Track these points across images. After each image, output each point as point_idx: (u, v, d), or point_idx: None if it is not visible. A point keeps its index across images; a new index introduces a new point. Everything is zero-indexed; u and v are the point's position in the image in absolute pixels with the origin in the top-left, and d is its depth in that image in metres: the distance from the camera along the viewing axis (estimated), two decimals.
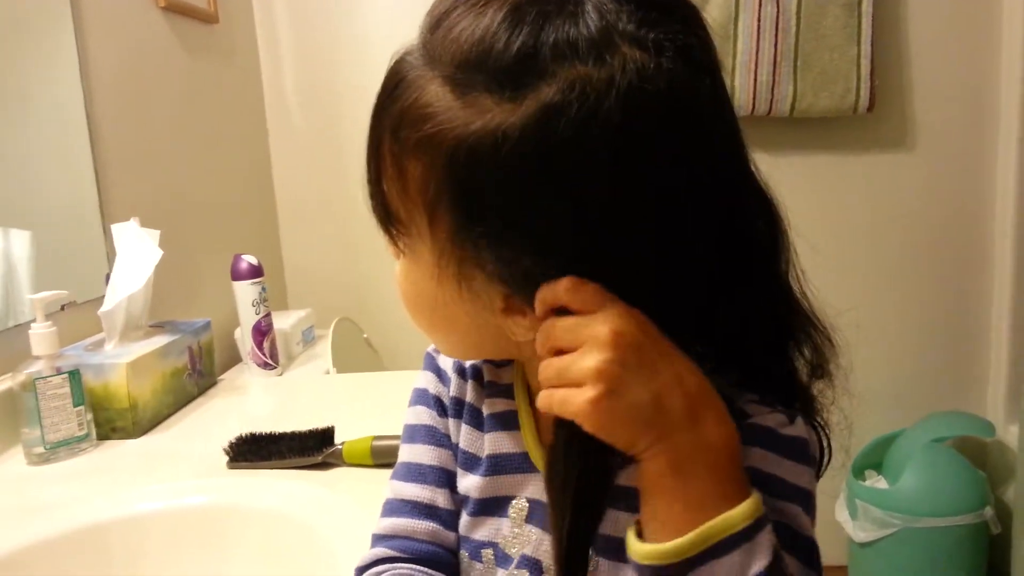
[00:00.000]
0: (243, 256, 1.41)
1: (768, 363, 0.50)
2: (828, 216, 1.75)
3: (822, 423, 0.52)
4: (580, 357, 0.41)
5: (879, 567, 1.73)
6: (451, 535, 0.57)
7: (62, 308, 1.12)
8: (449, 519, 0.58)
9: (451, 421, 0.59)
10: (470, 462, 0.57)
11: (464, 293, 0.46)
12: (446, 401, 0.60)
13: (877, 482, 1.78)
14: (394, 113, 0.45)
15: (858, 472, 1.78)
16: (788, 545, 0.44)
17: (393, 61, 0.48)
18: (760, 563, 0.39)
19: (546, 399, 0.43)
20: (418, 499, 0.58)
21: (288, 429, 0.96)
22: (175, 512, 0.85)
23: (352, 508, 0.81)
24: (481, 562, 0.56)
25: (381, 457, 0.91)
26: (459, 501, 0.58)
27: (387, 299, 1.93)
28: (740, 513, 0.40)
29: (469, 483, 0.57)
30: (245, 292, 1.39)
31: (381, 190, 0.48)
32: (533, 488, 0.54)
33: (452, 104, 0.43)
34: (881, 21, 1.70)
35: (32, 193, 1.15)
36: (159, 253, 1.15)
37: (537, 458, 0.54)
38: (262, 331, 1.40)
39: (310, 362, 1.56)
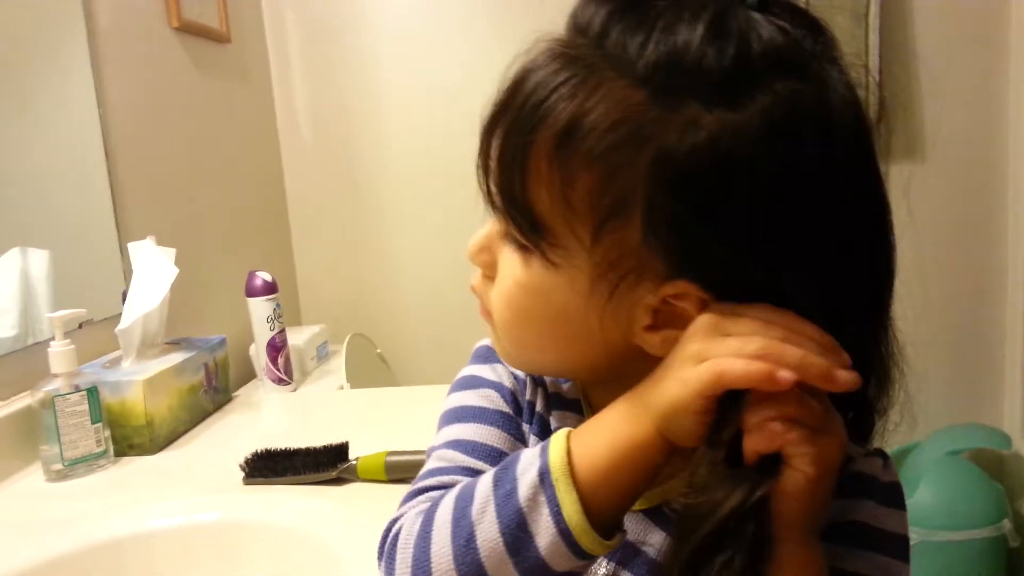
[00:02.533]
0: (257, 273, 1.42)
1: (856, 401, 0.49)
2: None
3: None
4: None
5: None
6: None
7: (80, 326, 1.14)
8: None
9: (524, 425, 0.55)
10: None
11: (611, 308, 0.44)
12: (521, 401, 0.56)
13: None
14: (559, 117, 0.42)
15: None
16: None
17: (529, 61, 0.44)
18: None
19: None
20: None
21: (303, 445, 0.96)
22: (191, 528, 0.86)
23: (366, 524, 0.81)
24: None
25: (395, 472, 0.91)
26: None
27: (400, 315, 1.94)
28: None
29: None
30: (260, 308, 1.40)
31: (526, 197, 0.44)
32: None
33: (654, 110, 0.40)
34: (888, 31, 1.70)
35: (50, 213, 1.16)
36: (175, 271, 1.16)
37: None
38: (276, 347, 1.41)
39: (324, 378, 1.57)
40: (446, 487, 0.49)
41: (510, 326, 0.50)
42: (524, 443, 0.55)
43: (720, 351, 0.40)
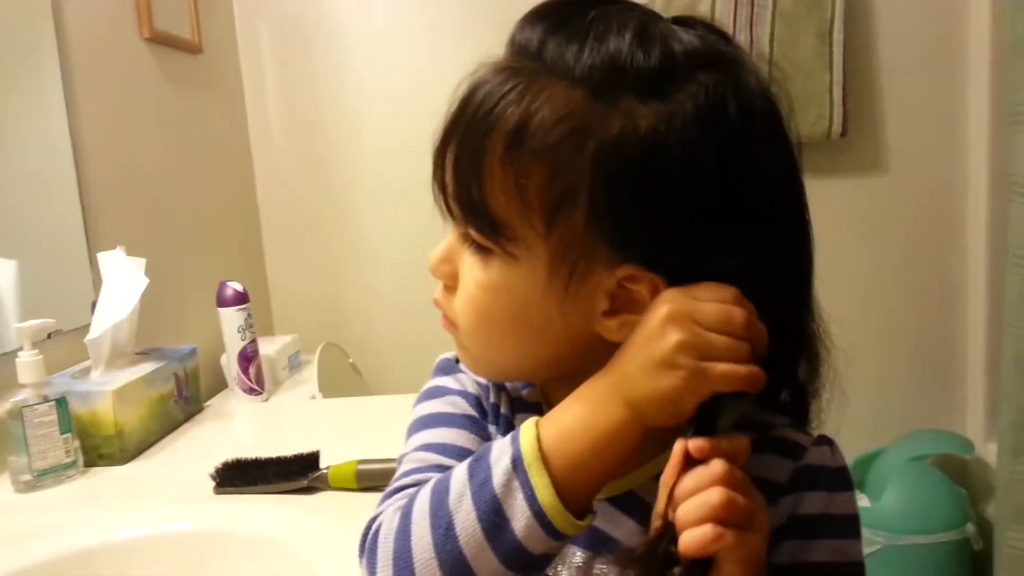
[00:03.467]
0: (228, 283, 1.42)
1: (789, 381, 0.54)
2: None
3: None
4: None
5: None
6: None
7: (48, 336, 1.13)
8: None
9: (490, 427, 0.57)
10: None
11: (570, 295, 0.47)
12: (486, 406, 0.58)
13: (859, 500, 1.78)
14: (508, 120, 0.45)
15: None
16: None
17: (476, 78, 0.48)
18: None
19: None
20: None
21: (274, 454, 0.96)
22: (161, 538, 0.85)
23: (337, 532, 0.81)
24: None
25: (366, 481, 0.92)
26: None
27: (373, 324, 1.94)
28: None
29: None
30: (230, 318, 1.40)
31: (484, 201, 0.47)
32: None
33: (593, 107, 0.45)
34: (852, 48, 1.74)
35: (18, 222, 1.16)
36: (145, 281, 1.15)
37: None
38: (248, 357, 1.41)
39: (296, 387, 1.57)
40: (422, 484, 0.50)
41: (475, 328, 0.52)
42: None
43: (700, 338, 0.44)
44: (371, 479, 0.92)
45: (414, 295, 1.89)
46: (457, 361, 0.61)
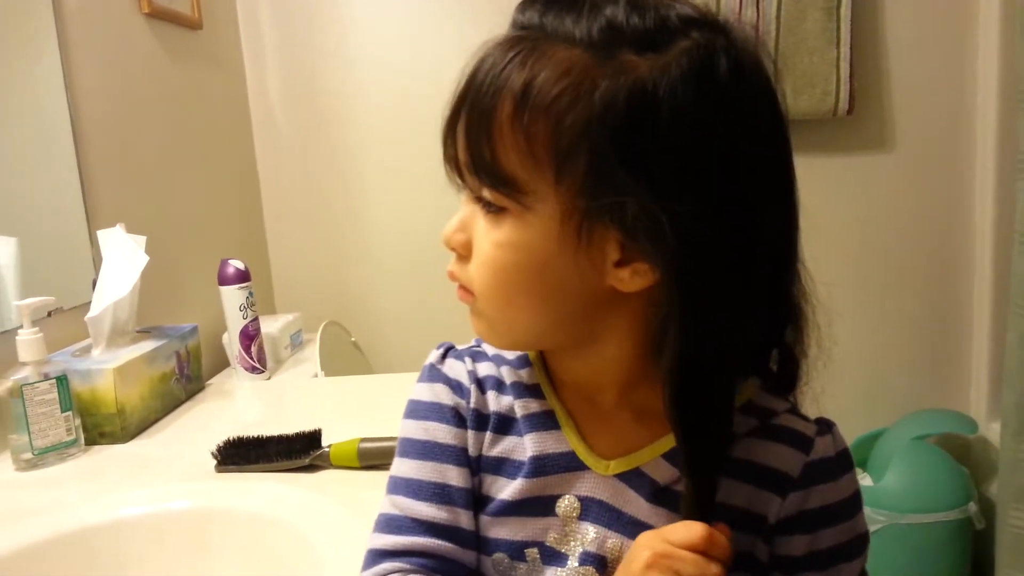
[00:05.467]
0: (230, 261, 1.41)
1: (777, 344, 0.55)
2: (808, 217, 1.74)
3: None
4: None
5: None
6: (471, 554, 0.57)
7: (49, 314, 1.13)
8: (471, 540, 0.57)
9: (471, 434, 0.58)
10: (508, 467, 0.57)
11: (582, 246, 0.49)
12: (465, 413, 0.59)
13: (861, 479, 1.79)
14: (514, 83, 0.48)
15: None
16: (857, 550, 0.55)
17: (481, 54, 0.50)
18: None
19: None
20: (435, 520, 0.56)
21: (276, 432, 0.96)
22: (163, 516, 0.85)
23: (339, 510, 0.82)
24: (525, 561, 0.56)
25: (368, 459, 0.92)
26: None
27: (375, 303, 1.94)
28: None
29: (503, 487, 0.57)
30: (232, 297, 1.40)
31: (496, 160, 0.49)
32: (584, 486, 0.55)
33: (592, 63, 0.46)
34: (859, 24, 1.72)
35: (17, 199, 1.15)
36: (145, 259, 1.15)
37: (586, 455, 0.55)
38: (249, 335, 1.41)
39: (298, 366, 1.57)
40: (405, 554, 0.55)
41: (493, 289, 0.52)
42: (466, 456, 0.58)
43: None
44: (373, 457, 0.92)
45: (416, 273, 1.89)
46: (445, 356, 0.62)
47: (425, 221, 1.85)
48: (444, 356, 0.62)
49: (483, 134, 0.49)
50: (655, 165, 0.46)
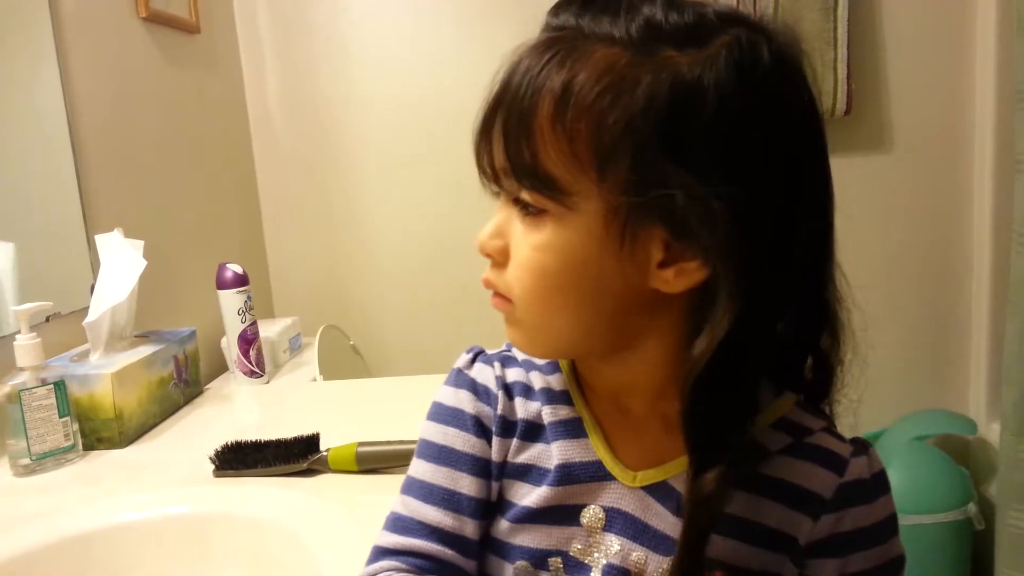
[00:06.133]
0: (228, 265, 1.41)
1: (812, 351, 0.55)
2: None
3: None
4: None
5: None
6: (471, 563, 0.57)
7: (47, 319, 1.12)
8: (474, 550, 0.57)
9: (496, 440, 0.58)
10: (534, 474, 0.56)
11: (625, 247, 0.48)
12: (488, 422, 0.58)
13: None
14: (553, 83, 0.47)
15: None
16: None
17: (515, 58, 0.50)
18: None
19: None
20: (441, 525, 0.56)
21: (275, 437, 0.96)
22: (161, 521, 0.85)
23: (337, 514, 0.81)
24: (548, 571, 0.55)
25: (366, 463, 0.91)
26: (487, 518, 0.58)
27: (374, 306, 1.94)
28: None
29: (526, 493, 0.56)
30: (230, 301, 1.40)
31: (536, 160, 0.48)
32: (610, 496, 0.54)
33: (633, 60, 0.46)
34: (857, 25, 1.72)
35: (15, 204, 1.15)
36: (143, 263, 1.15)
37: (612, 466, 0.55)
38: (248, 339, 1.41)
39: (297, 370, 1.57)
40: (406, 554, 0.55)
41: (533, 294, 0.51)
42: (481, 465, 0.58)
43: None
44: (371, 461, 0.91)
45: (416, 276, 1.89)
46: (474, 360, 0.61)
47: (424, 225, 1.85)
48: (473, 360, 0.61)
49: (523, 136, 0.48)
50: (703, 154, 0.45)
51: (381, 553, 0.57)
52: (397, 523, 0.58)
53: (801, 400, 0.56)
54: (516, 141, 0.48)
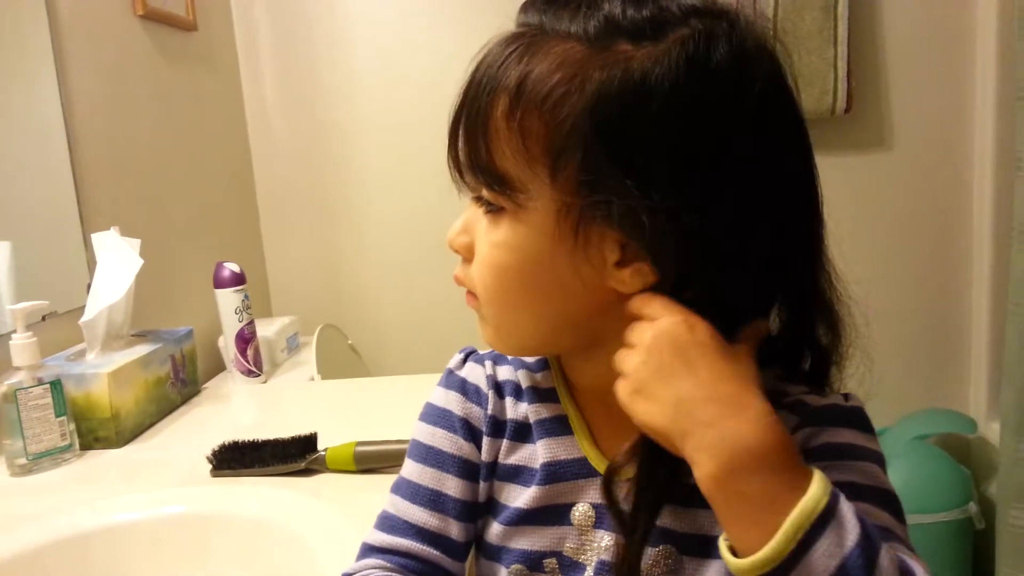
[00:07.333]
0: (225, 264, 1.41)
1: (809, 344, 0.53)
2: None
3: None
4: (627, 355, 0.46)
5: None
6: (458, 564, 0.57)
7: (43, 318, 1.12)
8: (459, 551, 0.57)
9: (487, 440, 0.58)
10: (524, 475, 0.56)
11: (579, 246, 0.47)
12: (477, 423, 0.58)
13: None
14: (509, 79, 0.47)
15: None
16: (878, 500, 0.47)
17: (485, 51, 0.50)
18: (853, 533, 0.39)
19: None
20: (426, 526, 0.56)
21: (273, 436, 0.95)
22: (158, 521, 0.85)
23: (335, 514, 0.81)
24: (544, 572, 0.55)
25: (364, 463, 0.91)
26: (478, 523, 0.58)
27: (371, 305, 1.93)
28: (813, 496, 0.40)
29: (517, 495, 0.56)
30: (228, 300, 1.39)
31: (491, 158, 0.48)
32: (597, 493, 0.53)
33: (587, 55, 0.45)
34: (857, 23, 1.72)
35: (11, 203, 1.14)
36: (140, 262, 1.14)
37: (598, 462, 0.54)
38: (245, 339, 1.40)
39: (295, 369, 1.56)
40: (392, 553, 0.56)
41: (492, 291, 0.51)
42: (469, 467, 0.57)
43: None
44: (369, 461, 0.91)
45: (414, 276, 1.88)
46: (465, 360, 0.61)
47: (422, 223, 1.84)
48: (464, 360, 0.61)
49: (479, 132, 0.48)
50: (645, 160, 0.44)
51: (369, 550, 0.58)
52: (385, 522, 0.58)
53: (783, 376, 0.53)
54: (474, 138, 0.49)
